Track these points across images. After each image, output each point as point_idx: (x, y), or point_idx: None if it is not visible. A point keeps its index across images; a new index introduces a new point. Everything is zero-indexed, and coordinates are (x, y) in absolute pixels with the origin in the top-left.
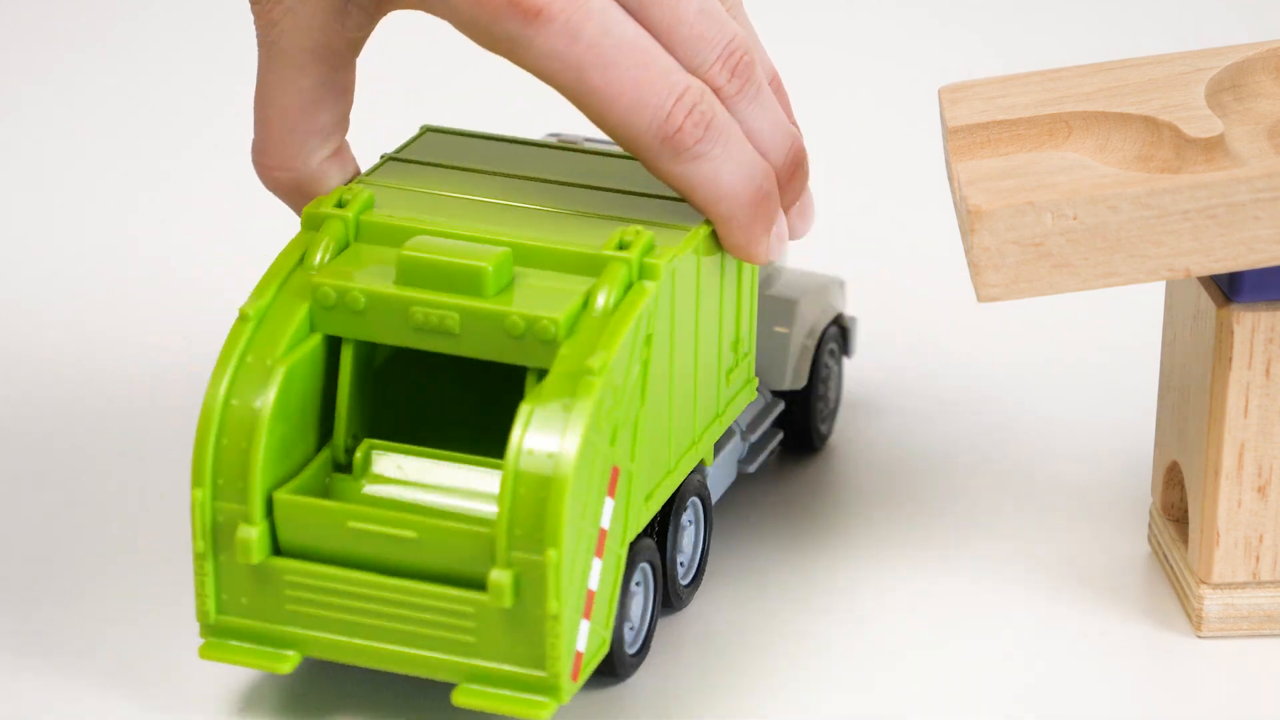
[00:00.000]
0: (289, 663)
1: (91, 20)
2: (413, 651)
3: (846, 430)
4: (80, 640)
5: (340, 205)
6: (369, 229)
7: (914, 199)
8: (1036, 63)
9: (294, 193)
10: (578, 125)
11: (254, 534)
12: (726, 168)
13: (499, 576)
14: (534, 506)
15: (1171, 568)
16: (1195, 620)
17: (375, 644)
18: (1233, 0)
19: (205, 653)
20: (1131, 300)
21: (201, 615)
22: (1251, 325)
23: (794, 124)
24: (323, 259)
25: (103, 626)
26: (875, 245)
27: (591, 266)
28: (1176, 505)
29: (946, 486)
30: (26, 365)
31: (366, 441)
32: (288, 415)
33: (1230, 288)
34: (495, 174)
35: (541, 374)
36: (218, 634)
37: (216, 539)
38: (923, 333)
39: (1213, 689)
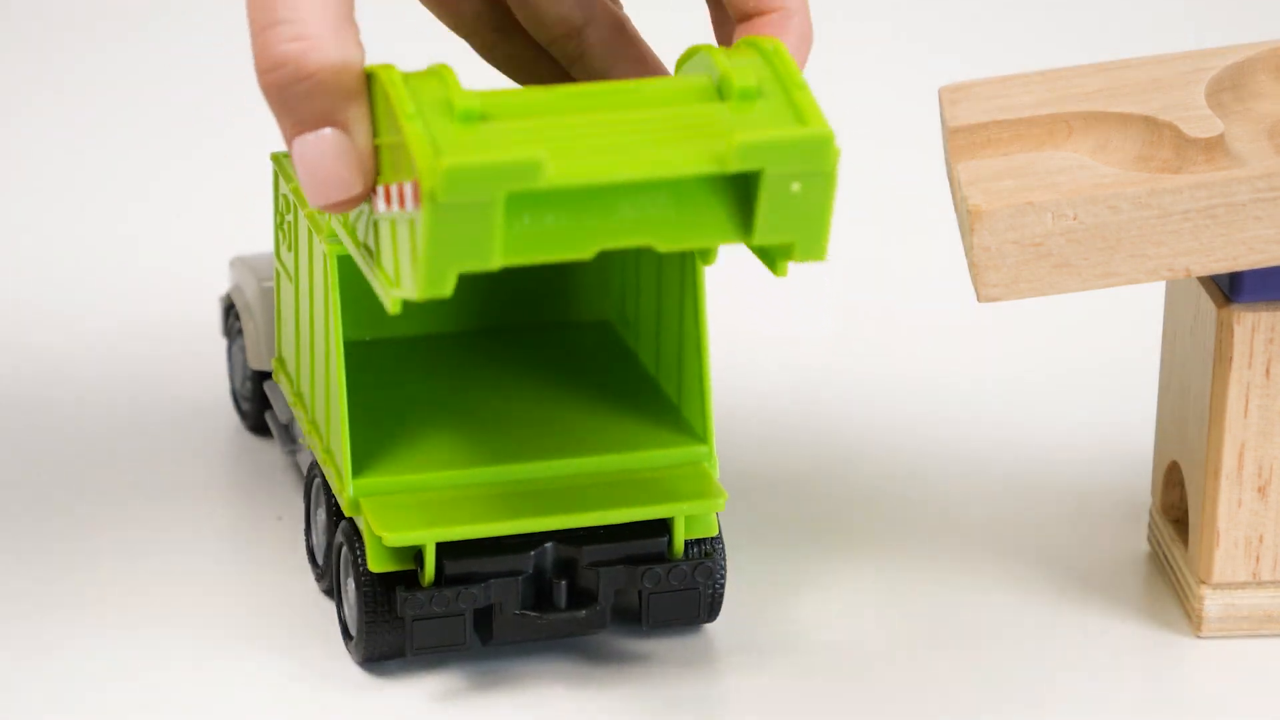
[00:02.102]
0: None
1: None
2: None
3: (845, 430)
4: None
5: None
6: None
7: (914, 199)
8: (1036, 63)
9: (336, 65)
10: None
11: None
12: None
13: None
14: None
15: (1171, 568)
16: (1195, 620)
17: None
18: (1233, 0)
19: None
20: (1131, 300)
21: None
22: (1252, 325)
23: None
24: None
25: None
26: (875, 245)
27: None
28: (1176, 505)
29: (945, 487)
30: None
31: None
32: None
33: (1230, 288)
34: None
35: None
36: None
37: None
38: (923, 334)
39: (1213, 689)
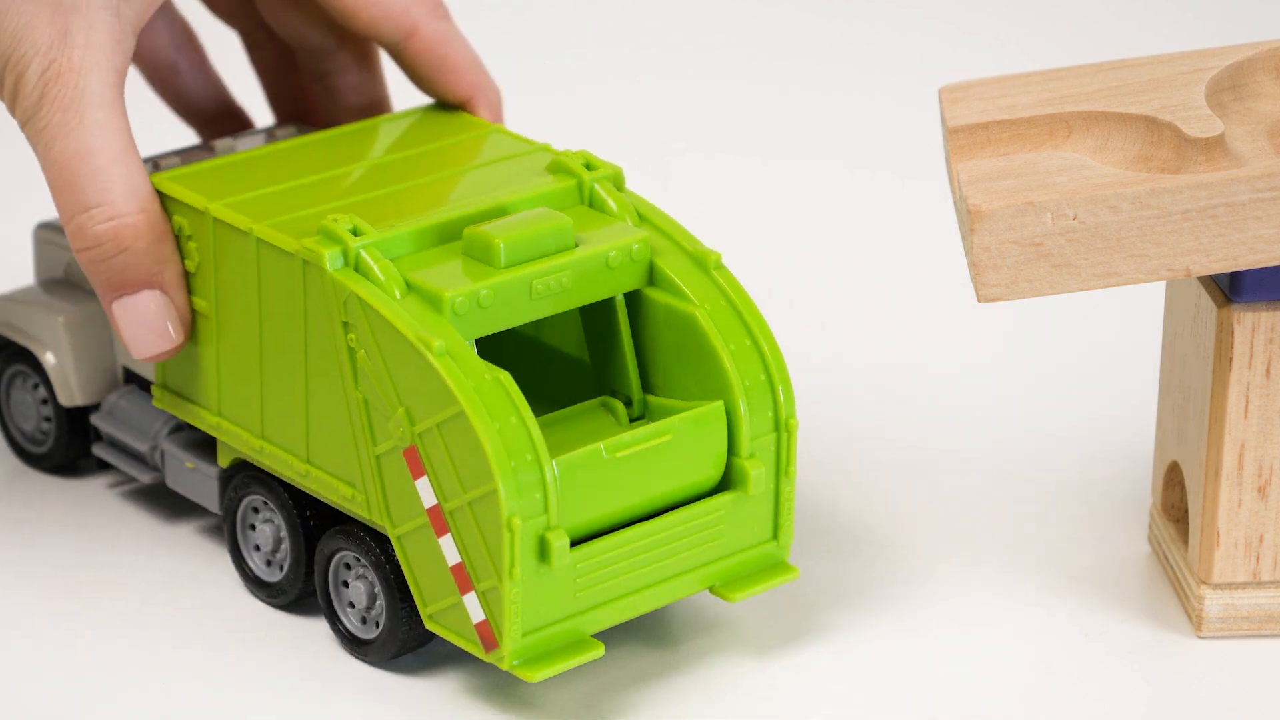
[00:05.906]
0: (598, 646)
1: None
2: (676, 579)
3: (846, 430)
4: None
5: (357, 233)
6: (387, 244)
7: (914, 199)
8: (1036, 63)
9: (149, 237)
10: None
11: (566, 539)
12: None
13: (755, 468)
14: (764, 388)
15: (1171, 568)
16: (1195, 620)
17: (645, 590)
18: (1233, 0)
19: (534, 675)
20: (1131, 300)
21: (512, 641)
22: (1251, 325)
23: None
24: (403, 278)
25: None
26: (876, 245)
27: (574, 197)
28: (1176, 505)
29: (946, 486)
30: None
31: None
32: None
33: (1230, 288)
34: (324, 175)
35: (633, 294)
36: (524, 655)
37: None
38: (923, 333)
39: (1213, 689)
